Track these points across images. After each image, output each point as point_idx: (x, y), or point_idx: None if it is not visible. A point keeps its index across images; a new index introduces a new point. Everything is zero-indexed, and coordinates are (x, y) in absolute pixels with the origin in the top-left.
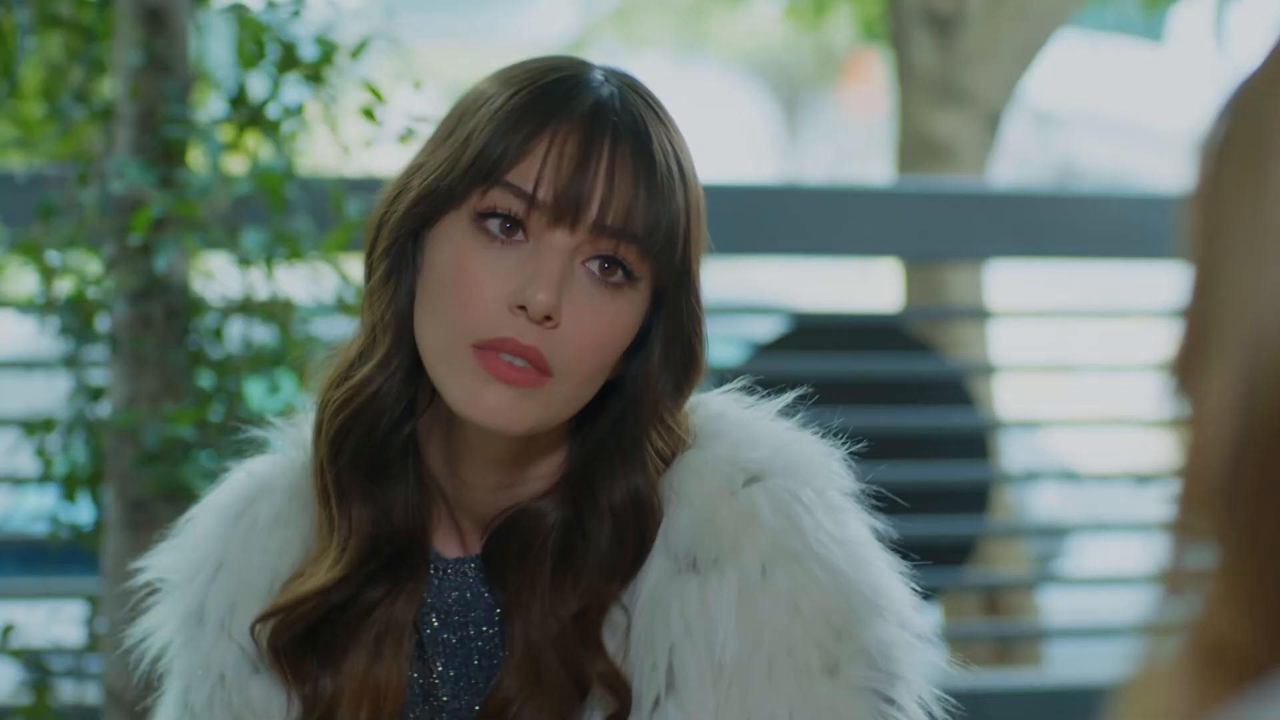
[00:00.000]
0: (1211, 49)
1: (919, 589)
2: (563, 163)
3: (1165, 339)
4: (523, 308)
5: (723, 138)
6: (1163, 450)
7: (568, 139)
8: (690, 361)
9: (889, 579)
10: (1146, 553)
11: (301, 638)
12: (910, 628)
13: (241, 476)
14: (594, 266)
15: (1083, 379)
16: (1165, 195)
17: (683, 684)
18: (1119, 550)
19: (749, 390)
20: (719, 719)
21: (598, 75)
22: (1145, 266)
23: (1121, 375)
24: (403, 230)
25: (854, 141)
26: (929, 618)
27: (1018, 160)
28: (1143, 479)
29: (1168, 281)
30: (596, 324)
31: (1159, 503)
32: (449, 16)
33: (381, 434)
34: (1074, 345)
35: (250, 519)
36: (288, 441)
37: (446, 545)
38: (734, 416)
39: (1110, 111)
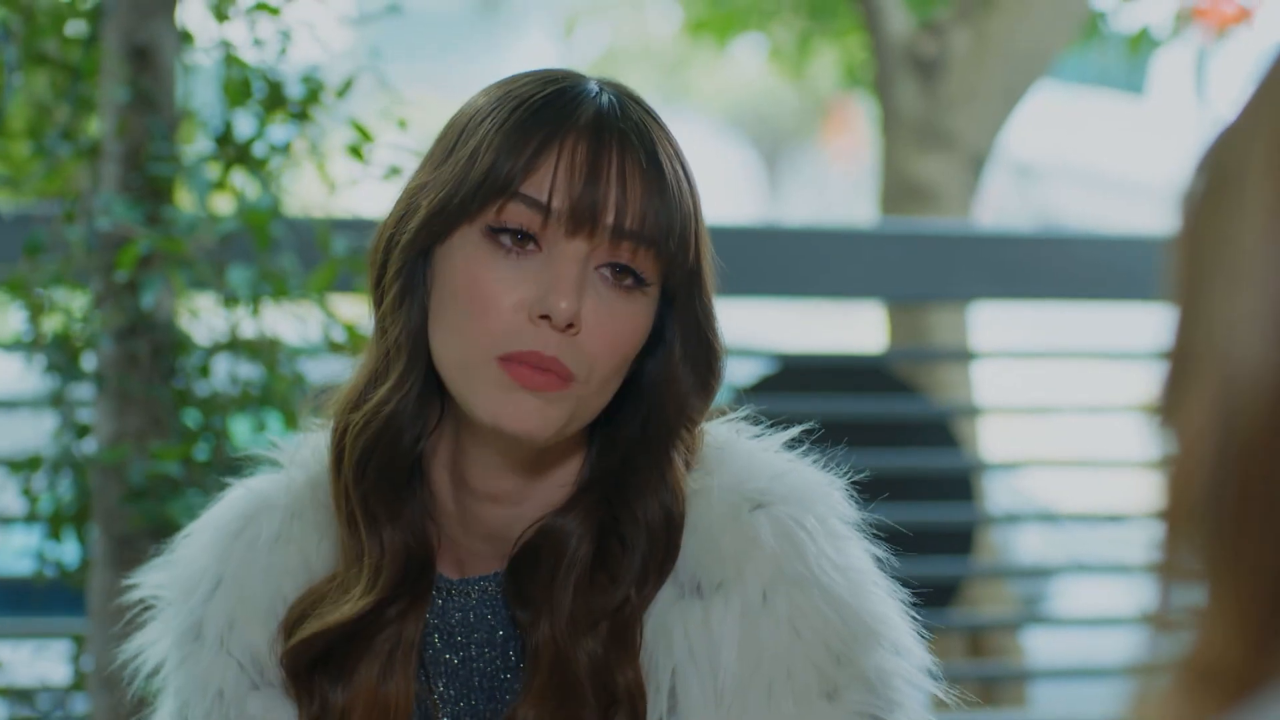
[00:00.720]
0: (1192, 101)
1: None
2: (575, 171)
3: (1150, 380)
4: (544, 317)
5: (704, 188)
6: (1147, 491)
7: (577, 148)
8: (711, 357)
9: (889, 607)
10: (1131, 593)
11: (317, 655)
12: (909, 657)
13: (241, 493)
14: (606, 271)
15: (1067, 421)
16: (1149, 237)
17: (685, 707)
18: (1103, 591)
19: (753, 421)
20: None
21: (593, 85)
22: (1130, 308)
23: (1107, 417)
24: (414, 250)
25: (836, 192)
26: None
27: (998, 212)
28: (1126, 520)
29: (1153, 323)
30: (614, 327)
31: (1142, 544)
32: (428, 65)
33: (403, 453)
34: (1058, 387)
35: (250, 536)
36: (287, 460)
37: (445, 567)
38: (739, 446)
39: (1091, 164)
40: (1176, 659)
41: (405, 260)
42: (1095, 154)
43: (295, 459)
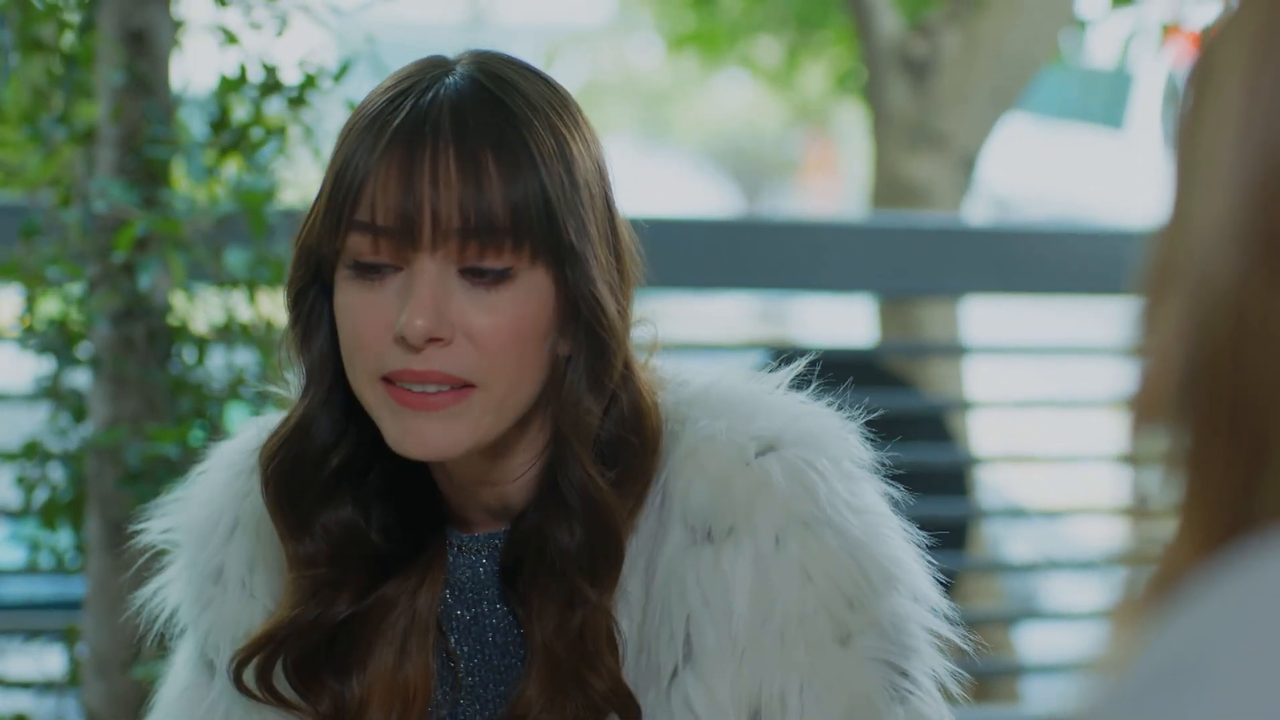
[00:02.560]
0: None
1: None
2: (390, 184)
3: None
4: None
5: (687, 209)
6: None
7: (392, 160)
8: (599, 348)
9: (905, 551)
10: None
11: (308, 657)
12: (925, 601)
13: (252, 433)
14: (466, 275)
15: (1058, 416)
16: (1142, 232)
17: (700, 654)
18: (1095, 587)
19: (760, 368)
20: (735, 688)
21: (448, 77)
22: (1123, 302)
23: (1097, 412)
24: (300, 284)
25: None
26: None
27: None
28: (1115, 515)
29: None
30: (493, 323)
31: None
32: None
33: (313, 458)
34: (1049, 381)
35: None
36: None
37: (454, 524)
38: (746, 389)
39: (1069, 198)
40: (1151, 561)
41: (300, 294)
42: (1074, 189)
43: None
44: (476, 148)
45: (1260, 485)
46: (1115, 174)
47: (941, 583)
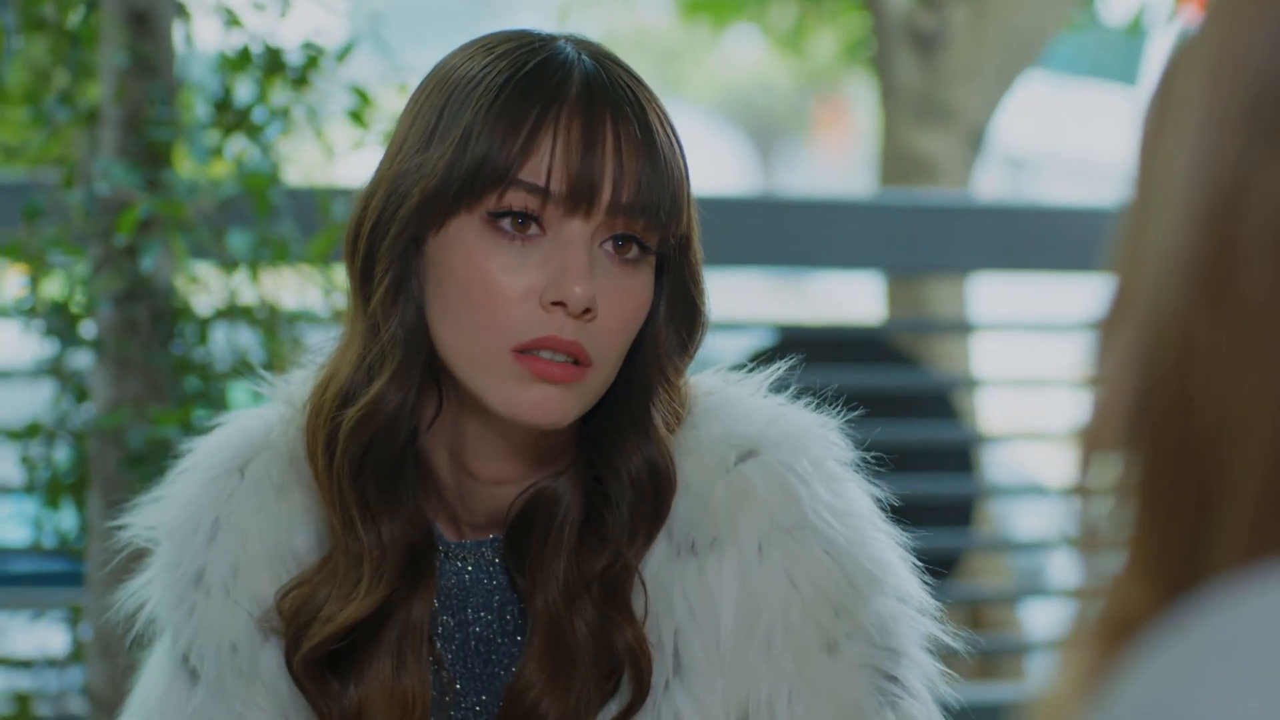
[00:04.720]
0: None
1: (921, 562)
2: (570, 150)
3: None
4: (558, 304)
5: (698, 181)
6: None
7: (571, 124)
8: (694, 317)
9: (889, 551)
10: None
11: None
12: (911, 601)
13: (232, 431)
14: (609, 246)
15: (1064, 393)
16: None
17: (689, 667)
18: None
19: (738, 369)
20: (724, 700)
21: (569, 48)
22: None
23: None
24: (405, 239)
25: (829, 182)
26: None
27: None
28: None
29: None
30: (624, 304)
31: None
32: (417, 53)
33: (399, 447)
34: (1056, 359)
35: (251, 478)
36: (279, 397)
37: (441, 529)
38: (725, 393)
39: (1084, 155)
40: (1094, 615)
41: (397, 250)
42: (1089, 145)
43: (287, 395)
44: (648, 128)
45: (1208, 528)
46: (1130, 130)
47: (943, 564)
